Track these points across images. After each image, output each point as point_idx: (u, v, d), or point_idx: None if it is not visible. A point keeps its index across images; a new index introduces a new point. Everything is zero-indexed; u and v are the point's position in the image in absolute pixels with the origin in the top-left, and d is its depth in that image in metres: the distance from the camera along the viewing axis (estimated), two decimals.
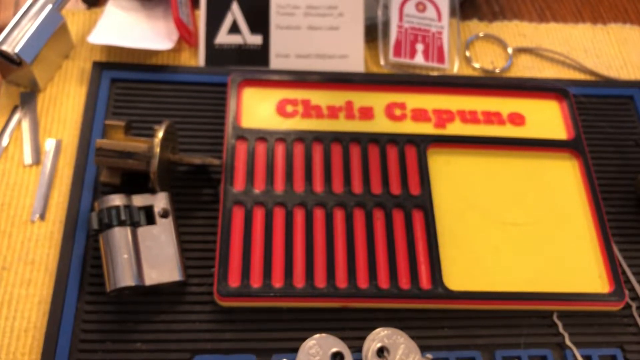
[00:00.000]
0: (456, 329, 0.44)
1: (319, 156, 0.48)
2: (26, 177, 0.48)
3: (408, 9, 0.57)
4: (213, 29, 0.55)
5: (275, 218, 0.45)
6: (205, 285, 0.44)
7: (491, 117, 0.52)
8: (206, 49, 0.54)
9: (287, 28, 0.55)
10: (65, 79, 0.53)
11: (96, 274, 0.43)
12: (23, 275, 0.44)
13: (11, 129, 0.50)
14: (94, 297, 0.42)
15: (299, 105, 0.51)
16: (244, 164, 0.47)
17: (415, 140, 0.50)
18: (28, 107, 0.51)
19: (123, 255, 0.41)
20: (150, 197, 0.44)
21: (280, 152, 0.48)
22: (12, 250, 0.44)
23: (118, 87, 0.52)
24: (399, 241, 0.45)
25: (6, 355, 0.41)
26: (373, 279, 0.43)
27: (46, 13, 0.50)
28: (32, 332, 0.42)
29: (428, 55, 0.57)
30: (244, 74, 0.52)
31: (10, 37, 0.49)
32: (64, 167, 0.48)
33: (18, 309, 0.42)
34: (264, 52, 0.55)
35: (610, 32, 0.62)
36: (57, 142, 0.49)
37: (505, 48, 0.59)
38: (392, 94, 0.53)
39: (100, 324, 0.41)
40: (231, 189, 0.46)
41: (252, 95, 0.51)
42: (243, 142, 0.48)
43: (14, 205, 0.46)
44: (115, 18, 0.54)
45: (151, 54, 0.54)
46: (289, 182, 0.47)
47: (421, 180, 0.48)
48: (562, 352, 0.43)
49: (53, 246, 0.45)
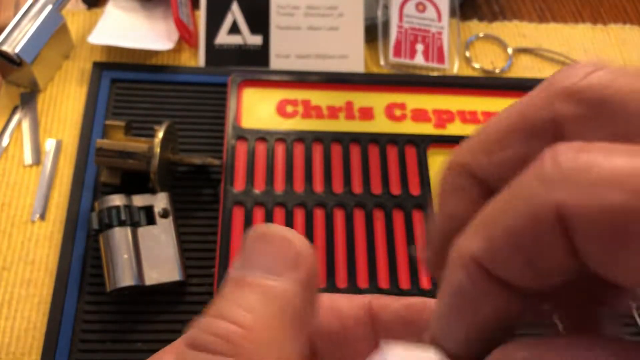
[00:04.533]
0: None
1: (319, 156, 0.48)
2: (26, 177, 0.48)
3: (408, 9, 0.57)
4: (213, 29, 0.55)
5: (276, 218, 0.45)
6: (205, 285, 0.44)
7: (491, 117, 0.52)
8: (206, 49, 0.54)
9: (287, 28, 0.55)
10: (66, 79, 0.53)
11: (96, 274, 0.43)
12: (23, 275, 0.44)
13: (11, 129, 0.50)
14: (94, 297, 0.42)
15: (299, 106, 0.51)
16: (244, 164, 0.47)
17: (415, 140, 0.50)
18: (28, 107, 0.51)
19: (123, 255, 0.41)
20: (150, 197, 0.44)
21: (280, 152, 0.48)
22: (12, 250, 0.44)
23: (118, 87, 0.52)
24: (399, 241, 0.45)
25: (6, 355, 0.41)
26: (373, 279, 0.43)
27: (46, 13, 0.50)
28: (32, 332, 0.42)
29: (428, 55, 0.57)
30: (244, 74, 0.52)
31: (10, 37, 0.49)
32: (64, 167, 0.48)
33: (18, 309, 0.42)
34: (264, 52, 0.55)
35: (610, 33, 0.62)
36: (57, 142, 0.49)
37: (505, 48, 0.59)
38: (392, 94, 0.53)
39: (100, 324, 0.41)
40: (231, 189, 0.46)
41: (252, 96, 0.51)
42: (243, 142, 0.48)
43: (14, 205, 0.46)
44: (116, 18, 0.54)
45: (151, 54, 0.54)
46: (289, 182, 0.47)
47: (421, 181, 0.48)
48: None
49: (53, 246, 0.45)
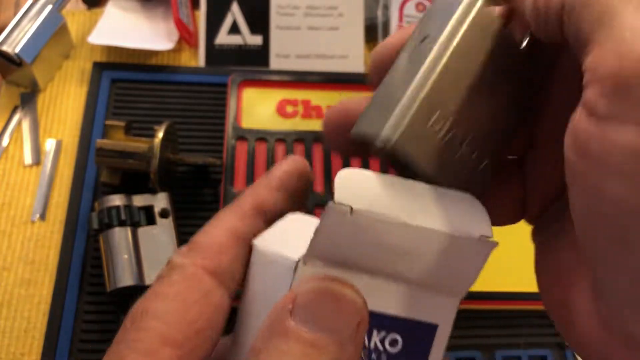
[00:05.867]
0: (456, 329, 0.44)
1: (319, 156, 0.48)
2: (26, 177, 0.48)
3: (408, 9, 0.57)
4: (213, 29, 0.55)
5: None
6: None
7: None
8: (206, 49, 0.54)
9: (287, 28, 0.55)
10: (66, 79, 0.53)
11: (96, 274, 0.43)
12: (23, 275, 0.44)
13: (11, 129, 0.50)
14: (94, 297, 0.42)
15: (299, 106, 0.51)
16: (244, 164, 0.47)
17: None
18: (28, 107, 0.51)
19: (123, 255, 0.41)
20: (150, 197, 0.44)
21: (280, 152, 0.48)
22: (12, 250, 0.44)
23: (118, 87, 0.52)
24: None
25: (6, 355, 0.41)
26: None
27: (46, 13, 0.50)
28: (32, 332, 0.42)
29: None
30: (244, 74, 0.52)
31: (10, 37, 0.49)
32: (64, 167, 0.48)
33: (18, 309, 0.42)
34: (264, 52, 0.55)
35: None
36: (57, 142, 0.49)
37: None
38: None
39: (100, 324, 0.41)
40: (231, 189, 0.46)
41: (252, 95, 0.51)
42: (243, 142, 0.48)
43: (14, 205, 0.46)
44: (116, 18, 0.54)
45: (151, 54, 0.54)
46: None
47: None
48: (562, 352, 0.43)
49: (53, 246, 0.45)
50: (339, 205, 0.19)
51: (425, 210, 0.19)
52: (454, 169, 0.20)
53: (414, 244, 0.19)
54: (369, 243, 0.19)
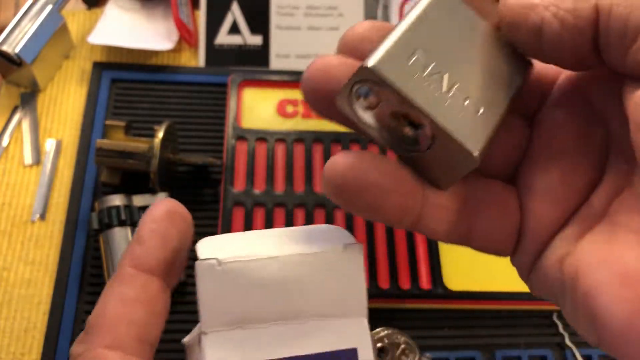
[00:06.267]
0: (456, 329, 0.44)
1: (319, 156, 0.48)
2: (26, 177, 0.48)
3: (408, 9, 0.57)
4: (213, 29, 0.55)
5: (276, 219, 0.45)
6: None
7: None
8: (206, 49, 0.54)
9: (287, 28, 0.55)
10: (65, 79, 0.53)
11: (96, 274, 0.43)
12: (23, 275, 0.44)
13: (11, 129, 0.50)
14: (94, 297, 0.42)
15: (299, 106, 0.51)
16: (244, 164, 0.47)
17: None
18: (28, 107, 0.51)
19: None
20: (150, 197, 0.44)
21: (280, 152, 0.48)
22: (12, 250, 0.44)
23: (118, 87, 0.52)
24: (399, 241, 0.45)
25: (6, 355, 0.41)
26: (373, 279, 0.43)
27: (46, 13, 0.50)
28: (32, 332, 0.42)
29: None
30: (244, 74, 0.52)
31: (10, 37, 0.49)
32: (64, 167, 0.48)
33: (18, 309, 0.42)
34: (264, 52, 0.55)
35: None
36: (57, 142, 0.49)
37: None
38: None
39: None
40: (231, 189, 0.46)
41: (252, 96, 0.51)
42: (243, 142, 0.48)
43: (14, 205, 0.46)
44: (116, 18, 0.54)
45: (151, 54, 0.54)
46: (289, 182, 0.47)
47: None
48: (562, 352, 0.43)
49: (53, 246, 0.45)
50: (205, 261, 0.19)
51: (288, 243, 0.20)
52: (445, 107, 0.19)
53: (289, 274, 0.20)
54: (250, 288, 0.20)
